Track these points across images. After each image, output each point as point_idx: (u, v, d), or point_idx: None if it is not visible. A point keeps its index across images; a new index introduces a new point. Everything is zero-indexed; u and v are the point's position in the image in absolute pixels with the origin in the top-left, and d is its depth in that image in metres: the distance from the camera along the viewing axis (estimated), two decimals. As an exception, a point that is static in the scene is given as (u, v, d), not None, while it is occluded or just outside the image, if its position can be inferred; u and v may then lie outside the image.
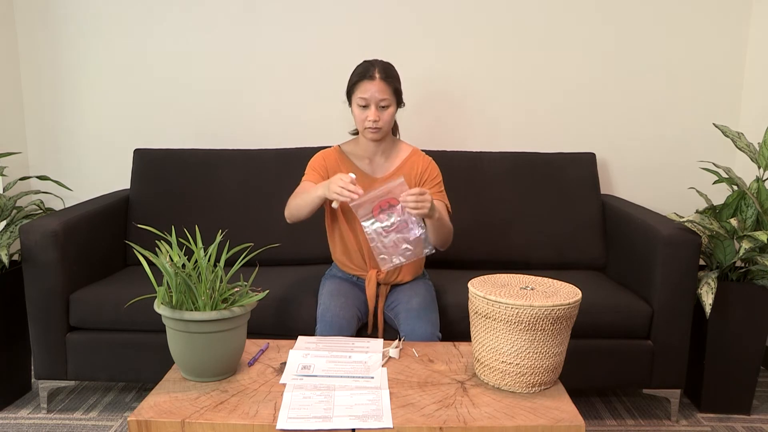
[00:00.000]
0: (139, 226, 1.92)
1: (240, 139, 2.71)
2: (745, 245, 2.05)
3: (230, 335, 1.43)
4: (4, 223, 2.22)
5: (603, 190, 2.70)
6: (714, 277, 2.11)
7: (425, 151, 2.10)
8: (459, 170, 2.50)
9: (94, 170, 2.78)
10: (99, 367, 2.13)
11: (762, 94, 2.63)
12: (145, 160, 2.58)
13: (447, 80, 2.71)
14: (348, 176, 1.77)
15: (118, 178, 2.71)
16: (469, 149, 2.62)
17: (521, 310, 1.35)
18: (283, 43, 2.69)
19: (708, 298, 2.06)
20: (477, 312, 1.43)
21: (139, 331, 2.09)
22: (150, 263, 1.45)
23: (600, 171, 2.67)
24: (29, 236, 2.05)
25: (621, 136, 2.75)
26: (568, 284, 1.49)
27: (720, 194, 2.50)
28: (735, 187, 2.28)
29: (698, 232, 2.10)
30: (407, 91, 2.01)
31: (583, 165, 2.60)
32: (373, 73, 1.91)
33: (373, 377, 1.45)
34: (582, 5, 2.66)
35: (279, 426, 1.25)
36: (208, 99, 2.73)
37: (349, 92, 1.97)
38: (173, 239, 1.49)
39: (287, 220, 1.97)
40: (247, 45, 2.69)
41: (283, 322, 2.06)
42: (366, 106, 1.92)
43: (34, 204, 2.43)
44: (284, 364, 1.52)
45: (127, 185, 2.63)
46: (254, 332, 1.66)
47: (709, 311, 2.07)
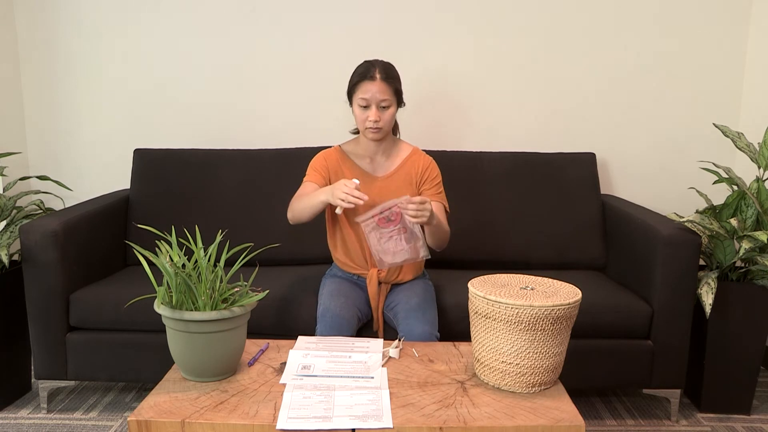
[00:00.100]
0: (139, 226, 1.92)
1: (240, 139, 2.71)
2: (745, 245, 2.05)
3: (230, 335, 1.43)
4: (4, 223, 2.22)
5: (603, 190, 2.70)
6: (714, 277, 2.11)
7: (425, 151, 2.11)
8: (459, 170, 2.50)
9: (94, 170, 2.78)
10: (99, 367, 2.13)
11: (762, 94, 2.63)
12: (145, 160, 2.58)
13: (447, 80, 2.71)
14: (352, 182, 1.77)
15: (118, 178, 2.71)
16: (469, 149, 2.62)
17: (521, 310, 1.35)
18: (283, 43, 2.69)
19: (708, 298, 2.06)
20: (477, 312, 1.43)
21: (139, 331, 2.09)
22: (150, 263, 1.45)
23: (600, 171, 2.67)
24: (29, 236, 2.05)
25: (621, 136, 2.75)
26: (568, 284, 1.49)
27: (720, 194, 2.50)
28: (735, 187, 2.28)
29: (698, 232, 2.10)
30: (407, 91, 2.01)
31: (583, 165, 2.60)
32: (374, 74, 1.91)
33: (373, 377, 1.45)
34: (582, 5, 2.66)
35: (279, 426, 1.25)
36: (208, 99, 2.73)
37: (350, 92, 1.97)
38: (173, 239, 1.49)
39: (290, 221, 1.97)
40: (247, 45, 2.69)
41: (283, 322, 2.06)
42: (367, 107, 1.93)
43: (34, 204, 2.43)
44: (284, 364, 1.52)
45: (127, 185, 2.63)
46: (254, 332, 1.66)
47: (709, 311, 2.07)
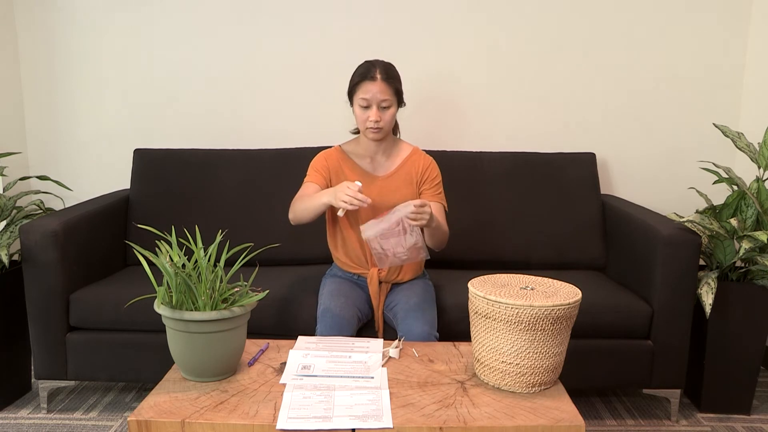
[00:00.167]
0: (139, 226, 1.92)
1: (240, 139, 2.71)
2: (745, 245, 2.05)
3: (230, 335, 1.43)
4: (4, 223, 2.22)
5: (603, 190, 2.70)
6: (714, 277, 2.11)
7: (425, 151, 2.11)
8: (459, 170, 2.50)
9: (94, 170, 2.78)
10: (99, 367, 2.13)
11: (762, 94, 2.63)
12: (145, 160, 2.58)
13: (447, 80, 2.71)
14: (355, 185, 1.77)
15: (118, 178, 2.71)
16: (469, 149, 2.61)
17: (521, 310, 1.35)
18: (283, 43, 2.69)
19: (708, 298, 2.06)
20: (477, 312, 1.43)
21: (139, 331, 2.09)
22: (150, 263, 1.45)
23: (600, 171, 2.67)
24: (29, 236, 2.05)
25: (621, 136, 2.75)
26: (568, 284, 1.49)
27: (720, 194, 2.50)
28: (735, 187, 2.28)
29: (698, 232, 2.10)
30: (407, 91, 2.01)
31: (583, 165, 2.60)
32: (375, 74, 1.91)
33: (373, 377, 1.45)
34: (582, 6, 2.66)
35: (279, 426, 1.25)
36: (208, 99, 2.73)
37: (351, 92, 1.97)
38: (173, 239, 1.49)
39: (291, 221, 1.97)
40: (247, 45, 2.69)
41: (283, 322, 2.06)
42: (367, 107, 1.93)
43: (34, 204, 2.43)
44: (284, 364, 1.52)
45: (127, 185, 2.63)
46: (254, 332, 1.66)
47: (709, 311, 2.07)
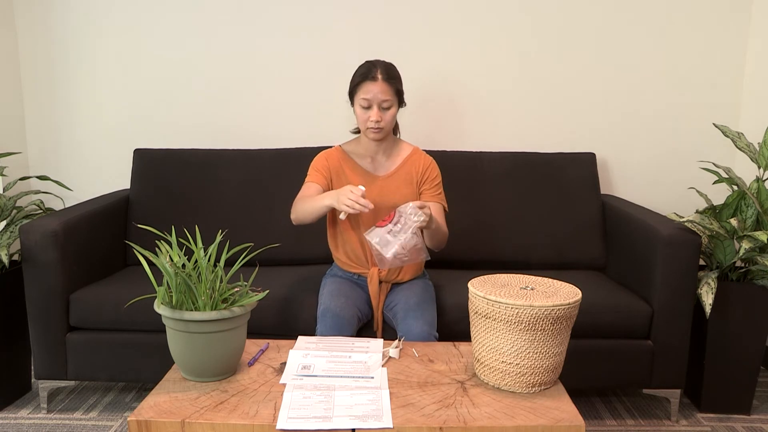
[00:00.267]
0: (139, 226, 1.92)
1: (240, 139, 2.71)
2: (745, 245, 2.05)
3: (230, 335, 1.43)
4: (4, 223, 2.22)
5: (603, 190, 2.70)
6: (714, 277, 2.11)
7: (425, 151, 2.11)
8: (459, 170, 2.50)
9: (94, 170, 2.78)
10: (99, 367, 2.13)
11: (762, 94, 2.63)
12: (145, 160, 2.58)
13: (447, 80, 2.71)
14: (359, 189, 1.76)
15: (118, 178, 2.71)
16: (469, 149, 2.62)
17: (521, 310, 1.35)
18: (283, 43, 2.69)
19: (708, 298, 2.06)
20: (477, 312, 1.43)
21: (139, 331, 2.09)
22: (150, 263, 1.45)
23: (600, 171, 2.67)
24: (29, 236, 2.05)
25: (621, 136, 2.75)
26: (568, 284, 1.49)
27: (720, 194, 2.50)
28: (735, 187, 2.28)
29: (698, 232, 2.10)
30: (408, 91, 2.01)
31: (583, 165, 2.60)
32: (376, 74, 1.91)
33: (373, 377, 1.45)
34: (582, 5, 2.66)
35: (279, 426, 1.25)
36: (208, 99, 2.73)
37: (352, 92, 1.97)
38: (173, 239, 1.49)
39: (293, 221, 1.97)
40: (247, 45, 2.69)
41: (283, 322, 2.06)
42: (368, 107, 1.93)
43: (34, 204, 2.43)
44: (284, 364, 1.52)
45: (127, 185, 2.63)
46: (254, 332, 1.67)
47: (709, 311, 2.07)
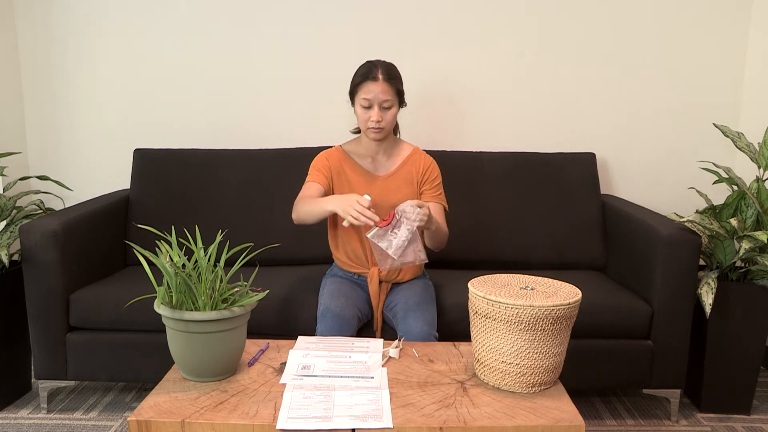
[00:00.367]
0: (139, 226, 1.92)
1: (240, 139, 2.71)
2: (745, 245, 2.05)
3: (230, 335, 1.43)
4: (4, 223, 2.22)
5: (603, 190, 2.70)
6: (714, 277, 2.11)
7: (425, 151, 2.11)
8: (459, 170, 2.50)
9: (94, 170, 2.78)
10: (99, 367, 2.13)
11: (762, 94, 2.63)
12: (145, 160, 2.58)
13: (447, 80, 2.71)
14: (365, 200, 1.76)
15: (118, 178, 2.71)
16: (469, 149, 2.62)
17: (521, 310, 1.35)
18: (283, 43, 2.69)
19: (708, 298, 2.06)
20: (477, 312, 1.43)
21: (139, 331, 2.09)
22: (150, 263, 1.45)
23: (600, 171, 2.67)
24: (29, 236, 2.05)
25: (621, 136, 2.75)
26: (568, 284, 1.49)
27: (720, 194, 2.50)
28: (735, 187, 2.28)
29: (698, 232, 2.10)
30: (408, 91, 2.01)
31: (583, 165, 2.60)
32: (376, 74, 1.91)
33: (373, 377, 1.45)
34: (581, 5, 2.66)
35: (279, 426, 1.25)
36: (208, 99, 2.73)
37: (352, 92, 1.97)
38: (173, 239, 1.49)
39: (294, 221, 1.97)
40: (247, 45, 2.69)
41: (283, 322, 2.06)
42: (369, 107, 1.93)
43: (34, 204, 2.43)
44: (284, 364, 1.52)
45: (127, 185, 2.63)
46: (254, 332, 1.67)
47: (709, 311, 2.07)
